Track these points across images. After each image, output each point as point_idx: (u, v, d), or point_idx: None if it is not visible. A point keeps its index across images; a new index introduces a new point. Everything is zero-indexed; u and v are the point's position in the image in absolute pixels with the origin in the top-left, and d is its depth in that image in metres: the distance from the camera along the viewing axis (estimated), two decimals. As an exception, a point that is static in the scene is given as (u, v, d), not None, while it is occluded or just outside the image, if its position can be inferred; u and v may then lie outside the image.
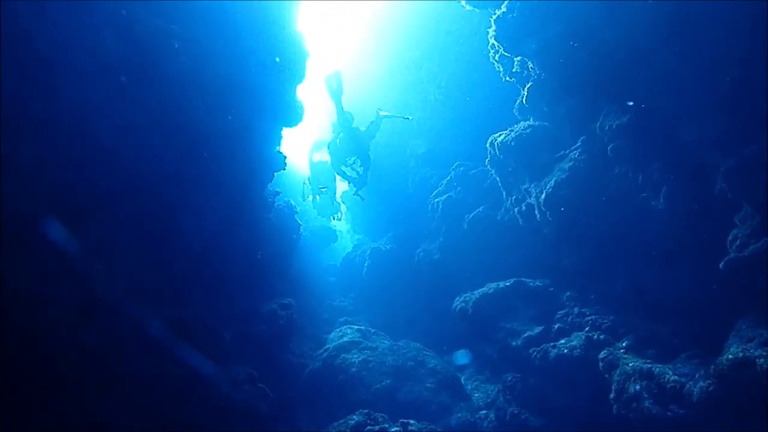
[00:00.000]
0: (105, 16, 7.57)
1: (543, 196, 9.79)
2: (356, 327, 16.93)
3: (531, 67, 10.07)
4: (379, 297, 21.16)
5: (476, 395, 15.20)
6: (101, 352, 6.50)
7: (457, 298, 12.53)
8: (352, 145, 17.28)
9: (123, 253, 7.60)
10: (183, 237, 8.99)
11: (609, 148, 9.02)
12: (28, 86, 6.77)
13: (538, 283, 11.30)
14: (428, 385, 14.17)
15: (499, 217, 13.58)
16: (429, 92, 18.67)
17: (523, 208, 11.02)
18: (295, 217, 17.06)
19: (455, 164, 15.81)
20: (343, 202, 30.50)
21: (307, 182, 24.60)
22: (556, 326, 10.20)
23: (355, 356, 14.86)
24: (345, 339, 15.88)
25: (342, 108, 16.56)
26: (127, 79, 7.48)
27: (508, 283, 11.21)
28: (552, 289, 11.31)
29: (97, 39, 7.35)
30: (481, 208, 14.19)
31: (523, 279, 11.37)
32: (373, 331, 17.14)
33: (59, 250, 6.28)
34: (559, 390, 9.36)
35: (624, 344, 8.76)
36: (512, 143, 10.74)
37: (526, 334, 10.16)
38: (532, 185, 10.40)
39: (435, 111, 18.41)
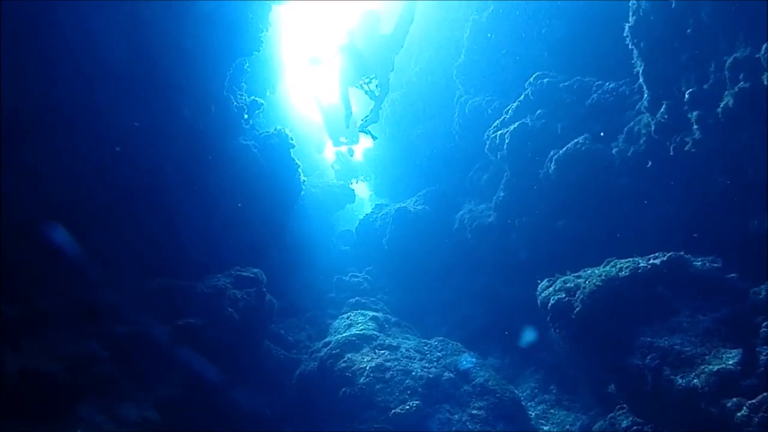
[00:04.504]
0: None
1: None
2: (371, 313, 12.41)
3: None
4: (403, 273, 16.83)
5: (546, 428, 10.42)
6: None
7: (545, 284, 7.27)
8: (373, 57, 12.63)
9: None
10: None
11: None
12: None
13: (711, 263, 5.98)
14: (476, 411, 9.29)
15: (615, 151, 8.14)
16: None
17: (729, 106, 5.53)
18: (292, 153, 11.84)
19: (534, 76, 10.28)
20: (364, 160, 26.14)
21: (326, 135, 21.04)
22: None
23: (367, 359, 10.05)
24: (354, 331, 11.51)
25: None
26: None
27: (656, 261, 5.92)
28: (733, 275, 5.99)
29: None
30: (580, 139, 8.76)
31: (684, 255, 6.05)
32: (393, 319, 12.78)
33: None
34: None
35: None
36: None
37: (714, 367, 4.90)
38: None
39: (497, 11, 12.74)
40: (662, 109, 6.62)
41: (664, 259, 6.09)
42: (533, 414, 10.52)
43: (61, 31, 6.07)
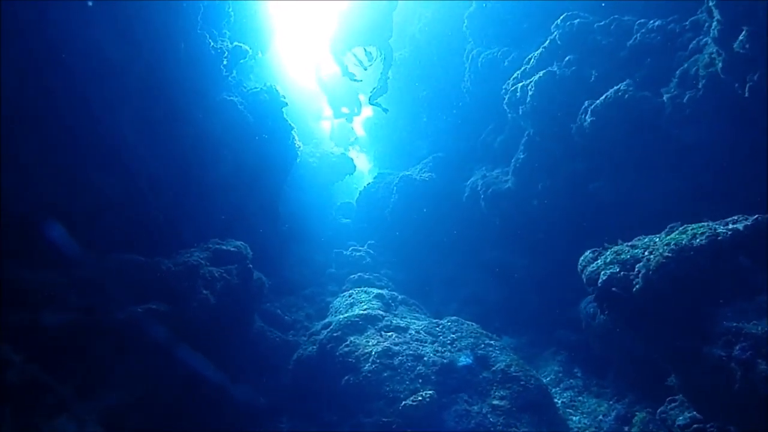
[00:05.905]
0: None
1: None
2: (375, 291, 11.27)
3: None
4: (408, 246, 15.68)
5: (575, 419, 9.31)
6: None
7: (590, 256, 6.00)
8: (369, 19, 11.40)
9: None
10: None
11: None
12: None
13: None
14: (497, 401, 8.14)
15: (666, 98, 6.84)
16: None
17: None
18: (284, 112, 10.48)
19: (562, 17, 8.86)
20: (364, 129, 24.87)
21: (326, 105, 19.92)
22: None
23: (372, 342, 8.92)
24: (357, 310, 10.49)
25: None
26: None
27: (738, 226, 4.67)
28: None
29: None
30: (622, 86, 7.41)
31: (772, 216, 4.84)
32: (400, 297, 11.75)
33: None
34: None
35: None
36: None
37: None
38: None
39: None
40: (741, 37, 5.29)
41: (748, 223, 4.85)
42: (559, 402, 9.40)
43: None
